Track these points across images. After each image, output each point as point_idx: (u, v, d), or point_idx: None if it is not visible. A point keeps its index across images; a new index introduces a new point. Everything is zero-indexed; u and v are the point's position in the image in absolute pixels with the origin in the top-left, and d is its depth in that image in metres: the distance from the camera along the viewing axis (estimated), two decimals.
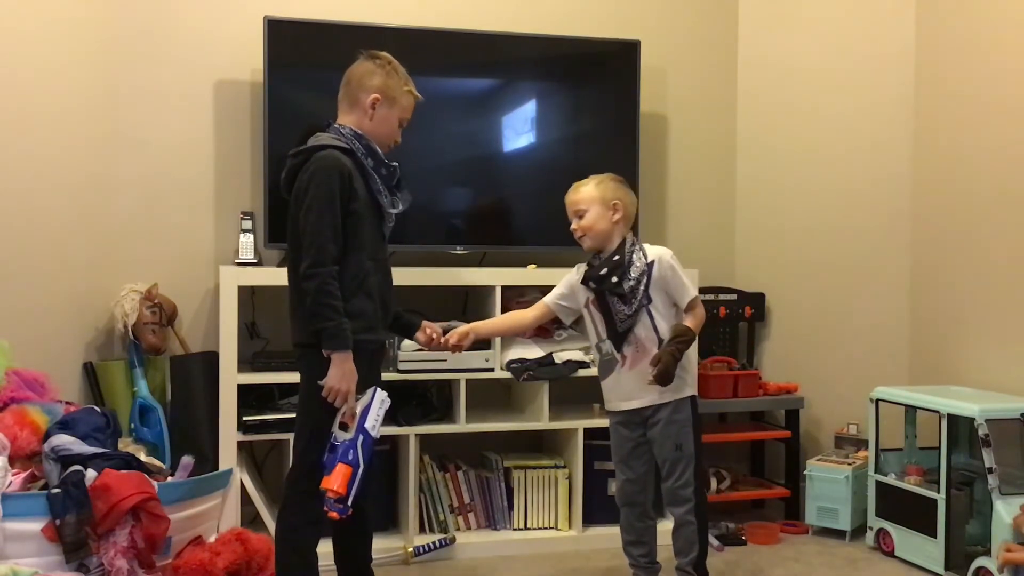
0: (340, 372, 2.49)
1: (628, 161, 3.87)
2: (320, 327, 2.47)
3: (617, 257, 2.92)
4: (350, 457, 2.48)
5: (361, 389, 2.55)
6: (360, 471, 2.48)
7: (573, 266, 3.82)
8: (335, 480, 2.45)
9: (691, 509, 2.88)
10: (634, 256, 2.91)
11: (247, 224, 3.61)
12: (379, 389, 2.61)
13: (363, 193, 2.57)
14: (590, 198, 2.95)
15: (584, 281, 2.98)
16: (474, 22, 3.89)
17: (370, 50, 2.68)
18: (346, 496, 2.45)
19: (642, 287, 2.89)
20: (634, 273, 2.89)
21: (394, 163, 2.67)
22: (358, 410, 2.54)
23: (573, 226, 2.99)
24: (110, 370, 3.51)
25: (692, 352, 2.97)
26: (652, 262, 2.91)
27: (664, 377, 2.81)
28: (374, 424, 2.55)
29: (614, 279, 2.90)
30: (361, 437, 2.51)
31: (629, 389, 2.93)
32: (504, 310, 3.65)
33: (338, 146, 2.56)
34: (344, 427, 2.52)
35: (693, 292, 2.92)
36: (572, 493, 3.65)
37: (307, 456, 2.57)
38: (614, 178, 3.01)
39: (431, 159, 3.75)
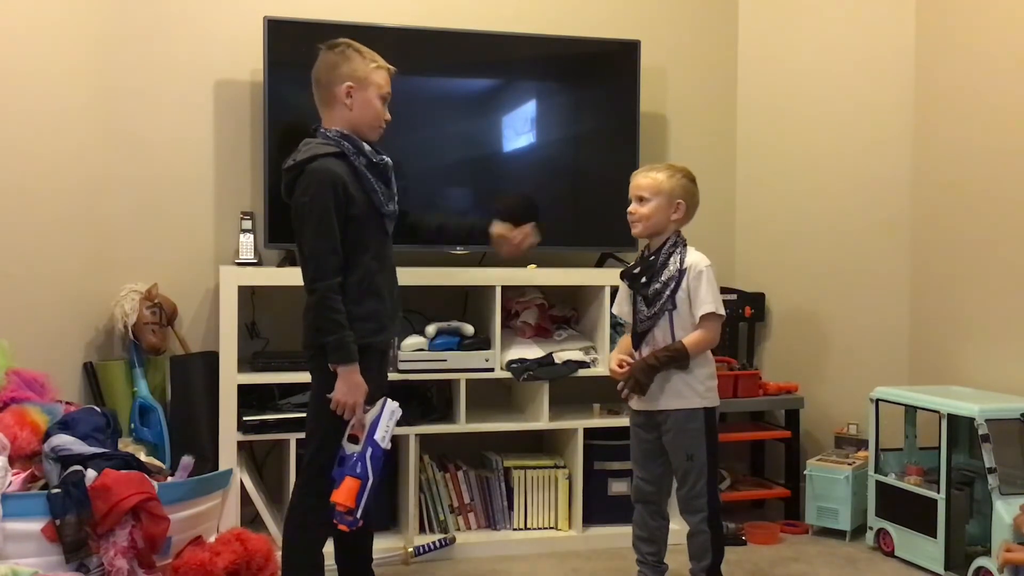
0: (347, 386, 2.50)
1: (628, 161, 3.85)
2: (324, 341, 2.48)
3: (652, 258, 2.86)
4: (358, 470, 2.47)
5: (372, 390, 2.55)
6: (369, 484, 2.48)
7: (572, 266, 3.85)
8: (343, 494, 2.45)
9: (704, 519, 2.83)
10: (670, 260, 2.83)
11: (247, 224, 3.60)
12: (389, 400, 2.60)
13: (360, 196, 2.57)
14: (657, 188, 2.84)
15: (621, 276, 2.96)
16: (474, 22, 3.88)
17: (326, 42, 2.66)
18: (355, 509, 2.45)
19: (668, 292, 2.80)
20: (663, 277, 2.82)
21: (385, 157, 2.66)
22: (367, 422, 2.54)
23: (630, 209, 2.88)
24: (110, 370, 3.51)
25: (710, 365, 2.86)
26: (685, 269, 2.81)
27: (633, 384, 2.80)
28: (384, 435, 2.54)
29: (643, 279, 2.84)
30: (370, 450, 2.50)
31: None
32: (504, 310, 3.65)
33: (329, 152, 2.55)
34: (353, 439, 2.51)
35: (711, 308, 2.78)
36: (572, 493, 3.64)
37: (317, 459, 2.57)
38: (688, 175, 2.89)
39: (431, 159, 3.75)
